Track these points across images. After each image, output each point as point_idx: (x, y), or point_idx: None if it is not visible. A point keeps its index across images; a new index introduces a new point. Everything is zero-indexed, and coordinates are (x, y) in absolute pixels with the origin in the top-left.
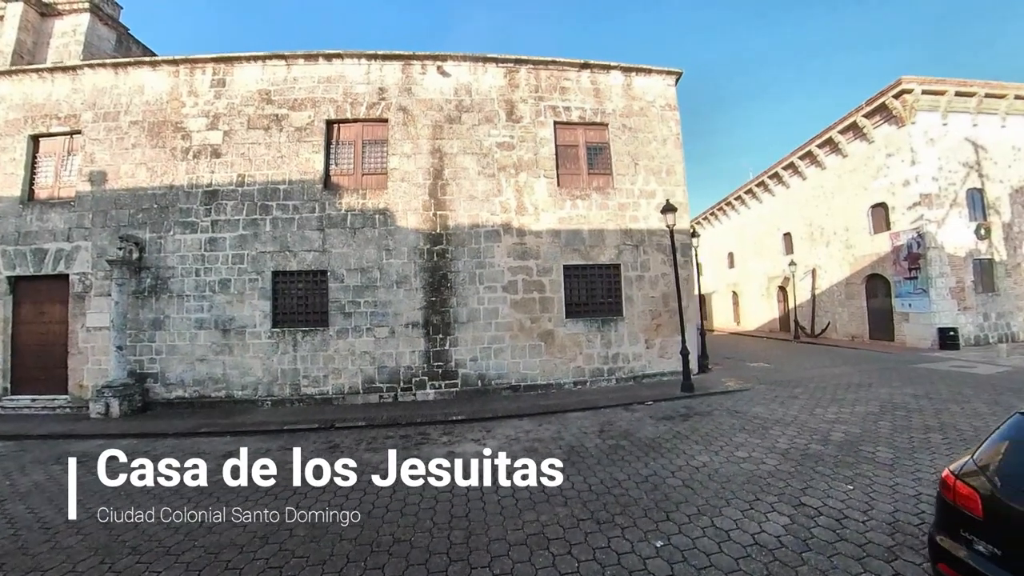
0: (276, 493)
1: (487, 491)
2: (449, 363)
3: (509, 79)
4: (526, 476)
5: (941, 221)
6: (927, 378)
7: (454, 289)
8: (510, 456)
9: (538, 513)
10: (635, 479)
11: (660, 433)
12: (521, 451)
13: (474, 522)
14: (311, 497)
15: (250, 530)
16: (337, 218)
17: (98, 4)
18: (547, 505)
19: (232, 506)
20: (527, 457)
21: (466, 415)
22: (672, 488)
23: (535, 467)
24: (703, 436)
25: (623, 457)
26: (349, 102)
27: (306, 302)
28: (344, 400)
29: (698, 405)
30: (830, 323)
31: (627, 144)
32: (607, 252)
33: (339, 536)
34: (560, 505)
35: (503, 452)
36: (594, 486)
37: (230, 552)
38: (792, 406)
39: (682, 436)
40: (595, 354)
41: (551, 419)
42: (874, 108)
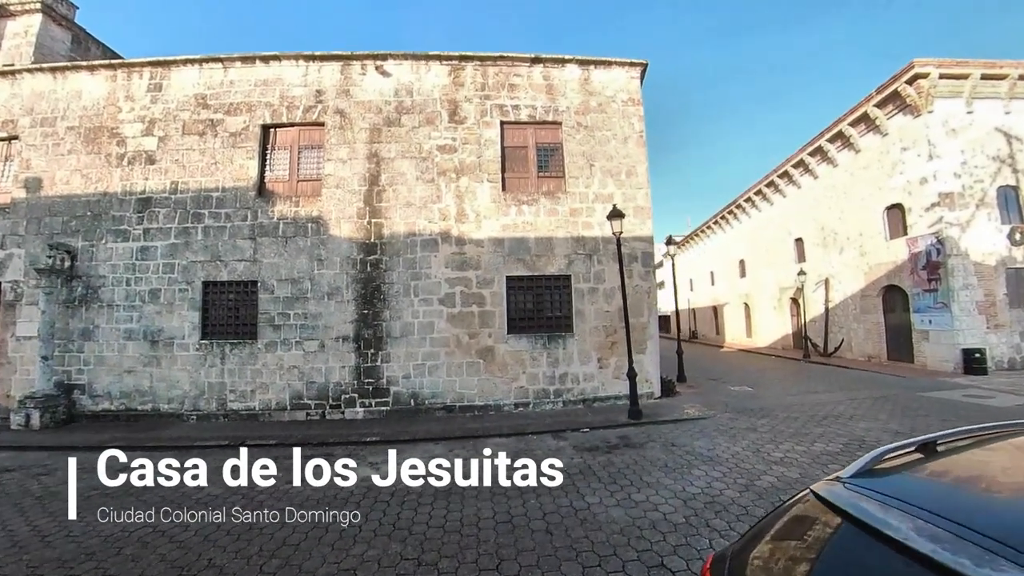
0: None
1: (329, 523)
2: (380, 380)
3: (454, 77)
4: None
5: (965, 224)
6: (925, 410)
7: (387, 301)
8: (396, 480)
9: (369, 547)
10: (499, 518)
11: (572, 467)
12: (411, 477)
13: (299, 551)
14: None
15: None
16: (269, 227)
17: (51, 5)
18: (384, 539)
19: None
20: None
21: (382, 437)
22: (530, 532)
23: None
24: (614, 473)
25: (506, 492)
26: (286, 106)
27: (236, 313)
28: (270, 416)
29: (637, 435)
30: (844, 340)
31: (582, 144)
32: (556, 262)
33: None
34: (398, 541)
35: (388, 479)
36: (450, 523)
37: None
38: (742, 441)
39: (591, 472)
40: (540, 374)
41: (468, 444)
42: (886, 96)
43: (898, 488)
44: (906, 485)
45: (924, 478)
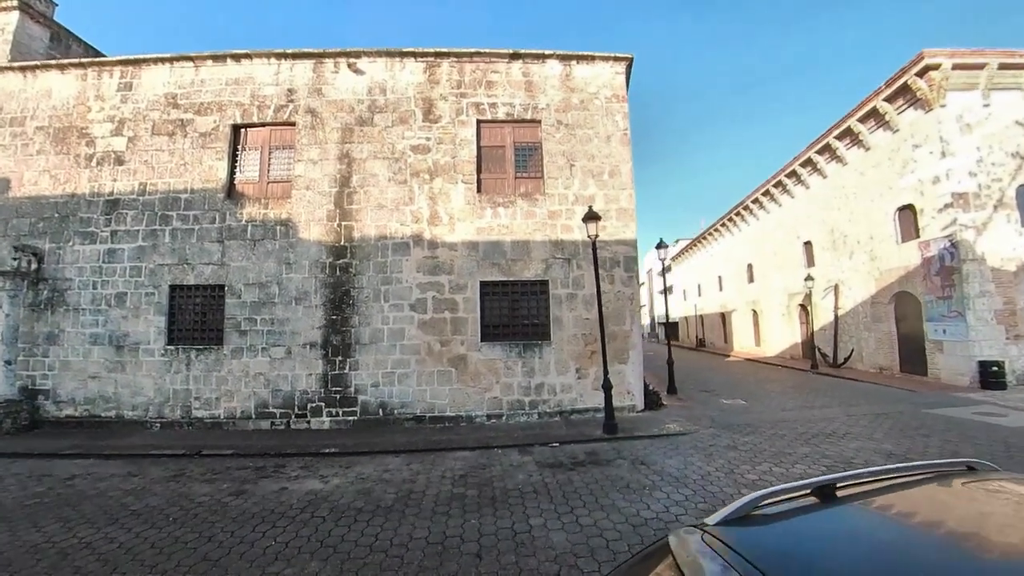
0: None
1: (257, 539)
2: (348, 388)
3: (429, 75)
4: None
5: (982, 226)
6: (927, 429)
7: (356, 307)
8: (339, 496)
9: (288, 564)
10: (432, 539)
11: (528, 484)
12: (355, 492)
13: (216, 567)
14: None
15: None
16: (237, 229)
17: (28, 2)
18: (306, 557)
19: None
20: (359, 500)
21: (342, 448)
22: (459, 555)
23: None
24: (569, 493)
25: (448, 511)
26: (256, 105)
27: (203, 318)
28: (235, 425)
29: (606, 452)
30: (854, 350)
31: (562, 143)
32: (533, 267)
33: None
34: (320, 559)
35: (336, 493)
36: (380, 543)
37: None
38: (718, 460)
39: (545, 491)
40: (515, 384)
41: (429, 457)
42: (896, 90)
43: (759, 543)
44: (773, 540)
45: (801, 531)
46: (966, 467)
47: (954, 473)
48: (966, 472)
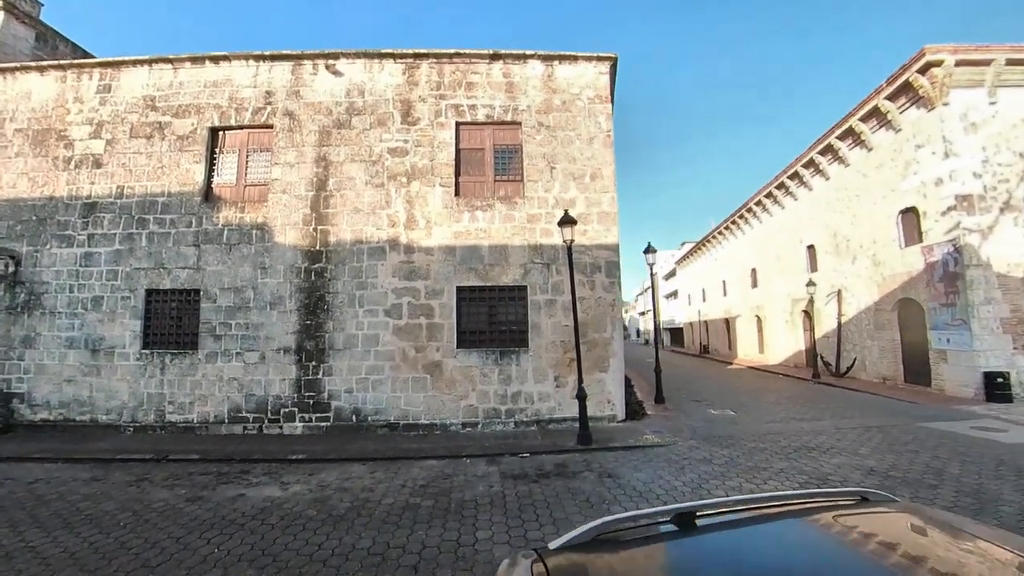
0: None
1: (201, 546)
2: (322, 394)
3: (408, 76)
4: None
5: (987, 230)
6: (918, 445)
7: (331, 312)
8: (294, 503)
9: (225, 572)
10: (375, 550)
11: (486, 496)
12: (311, 500)
13: (153, 573)
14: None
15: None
16: (214, 233)
17: (13, 2)
18: (244, 566)
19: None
20: (312, 508)
21: (309, 455)
22: (396, 567)
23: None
24: (525, 505)
25: (398, 522)
26: (234, 108)
27: (178, 322)
28: (207, 430)
29: (576, 463)
30: (856, 360)
31: (543, 145)
32: (511, 272)
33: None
34: (257, 568)
35: (292, 500)
36: (321, 552)
37: None
38: (689, 474)
39: (505, 503)
40: (491, 391)
41: (395, 466)
42: (897, 88)
43: (593, 570)
44: (607, 568)
45: (640, 560)
46: (861, 497)
47: (841, 504)
48: (859, 503)
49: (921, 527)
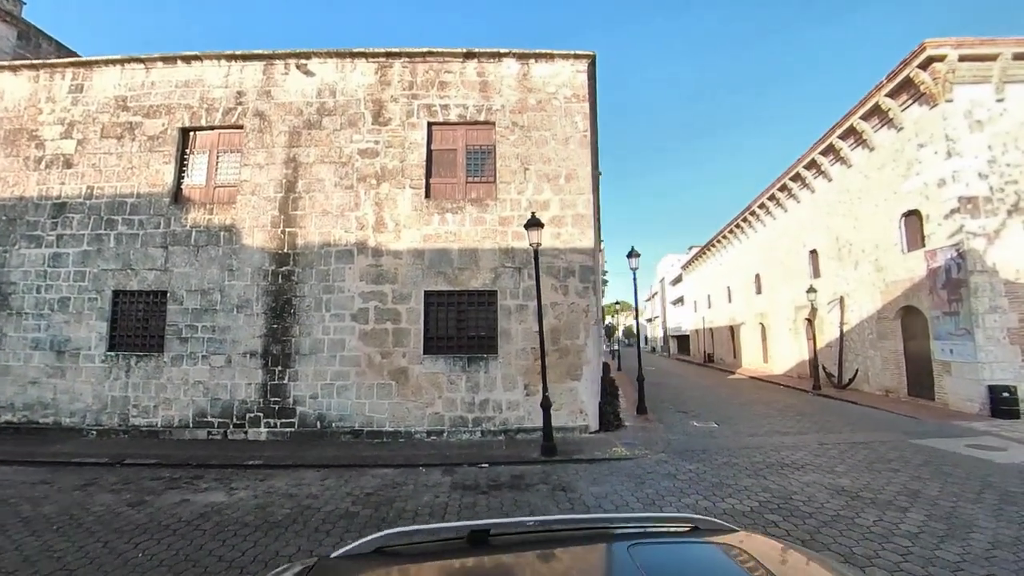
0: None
1: (123, 552)
2: (287, 399)
3: (380, 76)
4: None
5: (994, 234)
6: (902, 463)
7: (298, 316)
8: (235, 510)
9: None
10: (263, 556)
11: (427, 507)
12: (253, 507)
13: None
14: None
15: None
16: (182, 235)
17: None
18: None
19: None
20: (251, 514)
21: (267, 461)
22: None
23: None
24: (465, 518)
25: (330, 530)
26: (205, 108)
27: (145, 324)
28: (171, 434)
29: (533, 475)
30: (858, 370)
31: (517, 145)
32: (481, 276)
33: None
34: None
35: (234, 506)
36: (236, 559)
37: None
38: (648, 490)
39: (444, 514)
40: (458, 399)
41: (349, 473)
42: (899, 84)
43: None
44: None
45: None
46: (692, 526)
47: (668, 532)
48: (689, 532)
49: (725, 561)
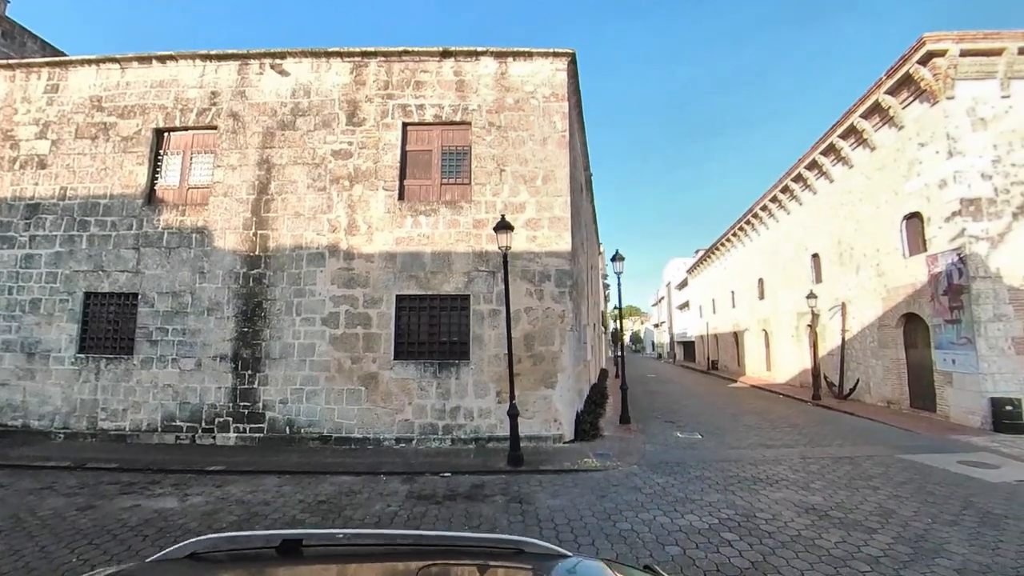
0: None
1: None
2: (256, 404)
3: (355, 75)
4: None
5: (998, 238)
6: (884, 479)
7: (268, 319)
8: (182, 516)
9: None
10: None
11: (374, 516)
12: (201, 513)
13: None
14: None
15: None
16: (154, 236)
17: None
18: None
19: None
20: (197, 520)
21: (230, 466)
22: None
23: None
24: (412, 528)
25: None
26: (179, 108)
27: (116, 327)
28: (139, 438)
29: (493, 486)
30: (860, 380)
31: (493, 146)
32: (454, 280)
33: None
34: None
35: (183, 513)
36: (106, 565)
37: None
38: (608, 503)
39: (389, 525)
40: (428, 406)
41: (308, 480)
42: (899, 81)
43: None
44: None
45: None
46: (517, 549)
47: (495, 552)
48: (514, 555)
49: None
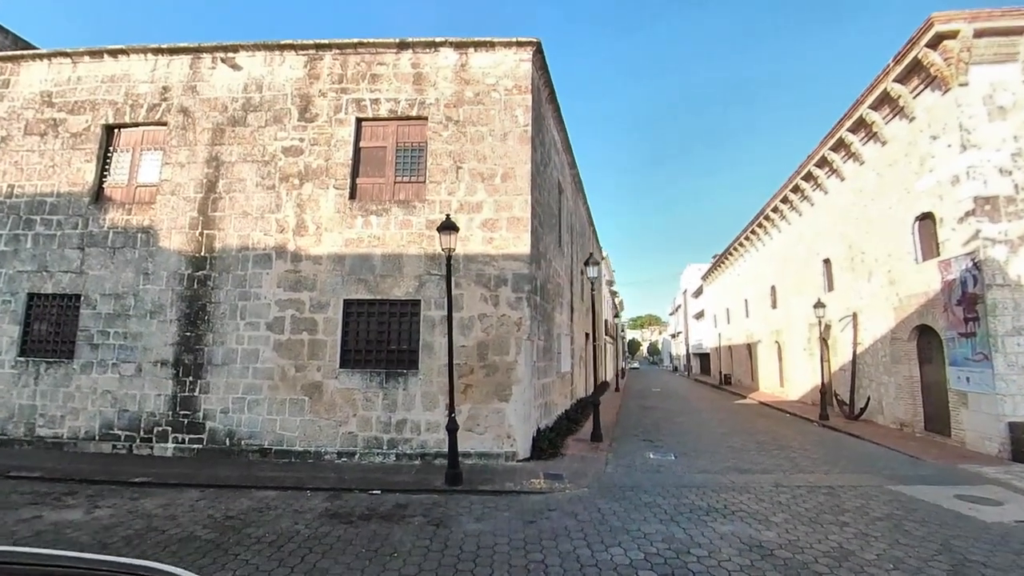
0: None
1: None
2: (197, 413)
3: (309, 69)
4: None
5: (1018, 241)
6: (860, 514)
7: (212, 324)
8: (77, 529)
9: None
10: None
11: (275, 534)
12: (100, 527)
13: None
14: None
15: None
16: (99, 236)
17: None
18: None
19: None
20: (89, 535)
21: (155, 478)
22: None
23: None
24: (300, 551)
25: (158, 554)
26: (130, 104)
27: (58, 329)
28: (76, 446)
29: (420, 505)
30: (871, 399)
31: (450, 142)
32: (404, 284)
33: None
34: None
35: (80, 526)
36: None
37: None
38: (531, 529)
39: (285, 544)
40: (374, 418)
41: (229, 495)
42: (907, 67)
43: None
44: None
45: None
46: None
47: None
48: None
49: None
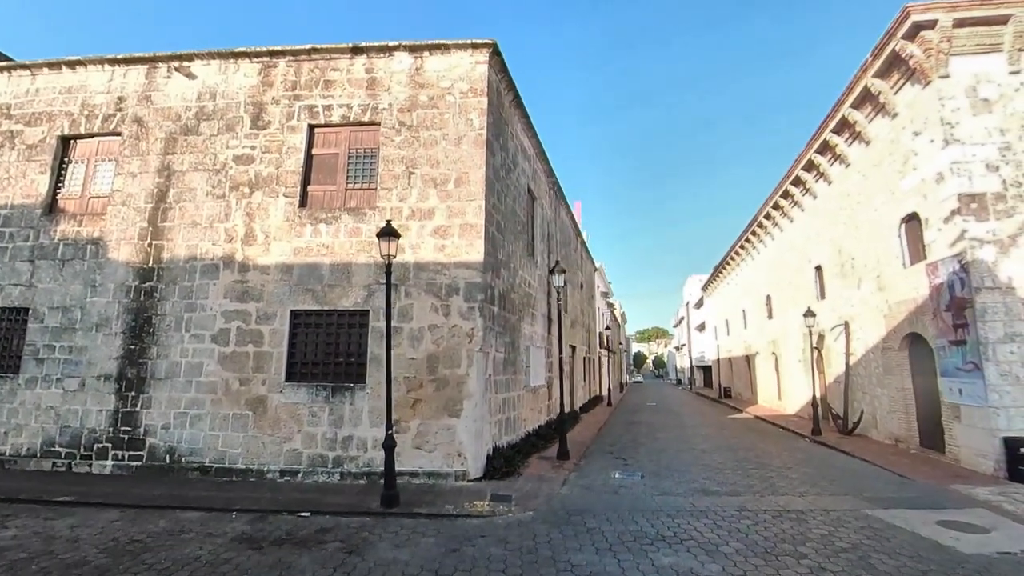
0: None
1: None
2: (138, 429)
3: (263, 76)
4: None
5: (1008, 240)
6: (822, 543)
7: (156, 336)
8: None
9: None
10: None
11: (174, 561)
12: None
13: None
14: None
15: None
16: (50, 248)
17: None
18: None
19: None
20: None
21: (80, 497)
22: None
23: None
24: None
25: None
26: (85, 115)
27: (6, 344)
28: (16, 464)
29: (344, 529)
30: (864, 412)
31: (402, 147)
32: (353, 294)
33: None
34: None
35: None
36: None
37: None
38: (451, 559)
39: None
40: (319, 434)
41: (150, 516)
42: (886, 61)
43: None
44: None
45: None
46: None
47: None
48: None
49: None
